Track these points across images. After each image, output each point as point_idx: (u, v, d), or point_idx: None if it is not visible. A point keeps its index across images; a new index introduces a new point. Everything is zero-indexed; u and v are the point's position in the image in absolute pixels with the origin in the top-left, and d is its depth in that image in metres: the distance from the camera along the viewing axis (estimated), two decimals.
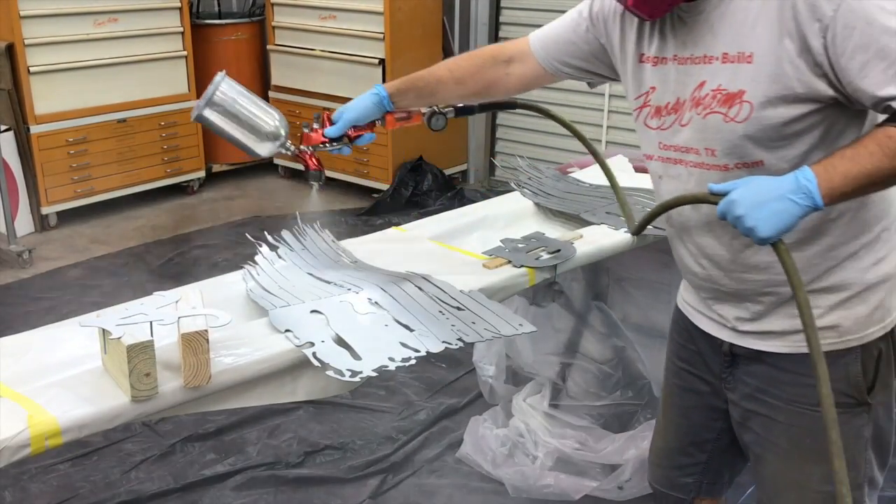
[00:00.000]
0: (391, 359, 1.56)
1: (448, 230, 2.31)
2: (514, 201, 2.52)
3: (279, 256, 2.02)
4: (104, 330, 1.47)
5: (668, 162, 1.55)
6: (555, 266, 2.05)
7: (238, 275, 1.96)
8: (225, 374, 1.52)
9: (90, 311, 1.64)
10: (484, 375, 2.88)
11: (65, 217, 5.11)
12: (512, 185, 2.59)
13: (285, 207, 5.39)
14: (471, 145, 5.96)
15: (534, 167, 2.68)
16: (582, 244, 2.16)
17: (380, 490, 2.74)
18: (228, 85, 1.72)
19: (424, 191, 5.44)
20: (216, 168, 5.94)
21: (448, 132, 2.02)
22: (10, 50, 4.69)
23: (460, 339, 1.64)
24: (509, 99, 2.04)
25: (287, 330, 1.64)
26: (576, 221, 2.34)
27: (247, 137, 1.74)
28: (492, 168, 5.98)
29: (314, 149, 1.84)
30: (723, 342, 1.64)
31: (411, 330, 1.67)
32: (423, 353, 1.60)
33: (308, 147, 1.84)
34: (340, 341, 1.62)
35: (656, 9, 1.45)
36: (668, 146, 1.54)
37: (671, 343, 1.84)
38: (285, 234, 2.11)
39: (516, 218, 2.41)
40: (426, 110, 1.90)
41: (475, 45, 5.64)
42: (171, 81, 5.46)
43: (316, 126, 1.84)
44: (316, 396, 1.64)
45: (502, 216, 2.41)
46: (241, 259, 2.07)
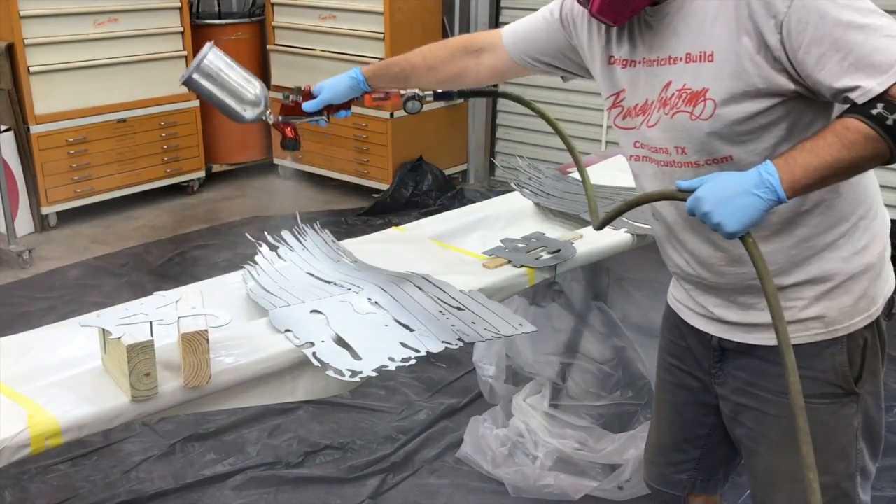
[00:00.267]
0: (391, 359, 1.56)
1: (448, 230, 2.31)
2: (514, 201, 2.53)
3: (279, 256, 2.03)
4: (104, 330, 1.47)
5: (645, 161, 1.58)
6: (555, 266, 2.05)
7: (238, 275, 1.96)
8: (225, 374, 1.52)
9: (90, 311, 1.64)
10: (484, 375, 2.87)
11: (65, 217, 5.11)
12: (512, 185, 2.60)
13: (285, 207, 5.39)
14: (471, 145, 5.95)
15: (534, 167, 2.68)
16: (582, 244, 2.16)
17: (380, 490, 2.74)
18: (216, 54, 1.81)
19: (424, 191, 5.43)
20: (216, 168, 5.94)
21: (448, 132, 2.03)
22: (10, 50, 4.69)
23: (460, 339, 1.64)
24: (491, 88, 2.09)
25: (287, 330, 1.64)
26: (576, 221, 2.34)
27: (231, 101, 1.82)
28: (492, 168, 5.97)
29: (292, 119, 1.92)
30: (712, 337, 1.66)
31: (411, 330, 1.67)
32: (423, 353, 1.60)
33: (286, 118, 1.92)
34: (340, 341, 1.62)
35: (620, 14, 1.47)
36: (643, 145, 1.56)
37: (662, 340, 1.85)
38: (285, 234, 2.11)
39: (516, 218, 2.41)
40: (405, 92, 1.95)
41: None
42: (171, 81, 5.43)
43: (295, 98, 1.91)
44: (316, 396, 1.65)
45: (502, 216, 2.41)
46: (241, 259, 2.07)
